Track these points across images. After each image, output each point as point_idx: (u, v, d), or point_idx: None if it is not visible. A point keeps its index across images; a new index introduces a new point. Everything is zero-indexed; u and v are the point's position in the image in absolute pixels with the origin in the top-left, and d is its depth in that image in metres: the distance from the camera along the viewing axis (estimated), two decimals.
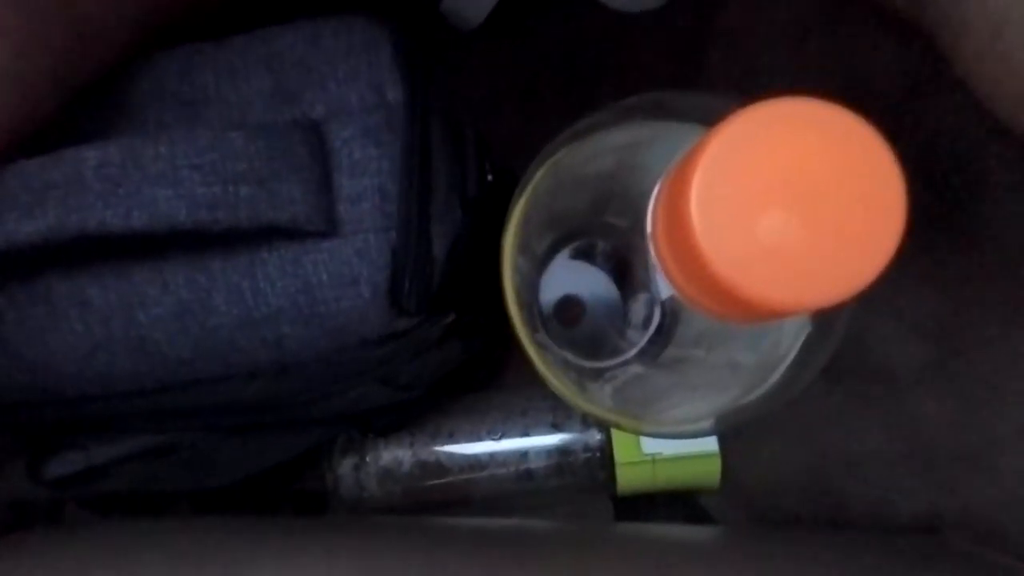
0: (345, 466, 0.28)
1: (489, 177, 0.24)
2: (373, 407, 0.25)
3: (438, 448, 0.27)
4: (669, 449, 0.26)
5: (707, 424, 0.18)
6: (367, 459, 0.28)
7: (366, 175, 0.19)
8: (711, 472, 0.26)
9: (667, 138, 0.16)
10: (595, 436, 0.27)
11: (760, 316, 0.10)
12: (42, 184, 0.17)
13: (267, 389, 0.22)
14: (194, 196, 0.17)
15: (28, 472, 0.22)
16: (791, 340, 0.17)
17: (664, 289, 0.12)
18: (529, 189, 0.18)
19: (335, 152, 0.19)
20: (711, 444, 0.26)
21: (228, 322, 0.20)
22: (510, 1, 0.29)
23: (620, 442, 0.26)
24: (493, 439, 0.27)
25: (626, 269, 0.22)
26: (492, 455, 0.27)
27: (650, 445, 0.26)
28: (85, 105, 0.19)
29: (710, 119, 0.15)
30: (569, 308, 0.22)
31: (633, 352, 0.22)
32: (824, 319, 0.16)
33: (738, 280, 0.09)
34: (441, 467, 0.27)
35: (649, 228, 0.11)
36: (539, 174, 0.17)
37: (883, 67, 0.28)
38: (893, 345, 0.28)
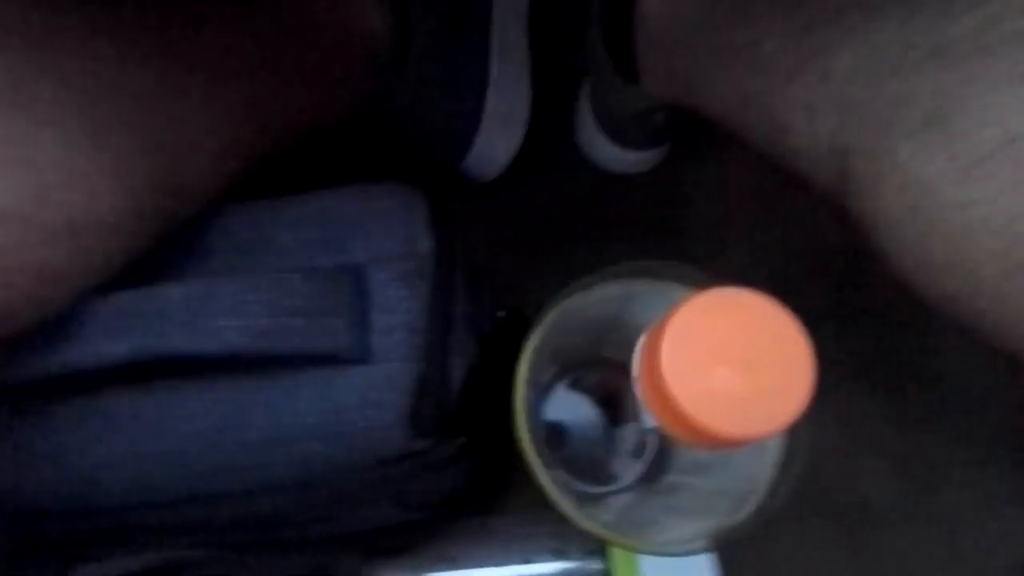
0: None
1: (500, 315, 0.28)
2: (382, 527, 0.27)
3: (440, 574, 0.29)
4: None
5: (699, 544, 0.21)
6: None
7: (398, 312, 0.24)
8: None
9: (652, 293, 0.22)
10: (596, 564, 0.29)
11: (716, 444, 0.14)
12: (133, 312, 0.21)
13: (286, 504, 0.24)
14: (257, 327, 0.21)
15: None
16: (766, 470, 0.20)
17: (649, 420, 0.16)
18: (541, 328, 0.22)
19: (372, 292, 0.24)
20: (707, 572, 0.28)
21: (262, 437, 0.23)
22: (517, 162, 0.37)
23: (621, 570, 0.28)
24: (495, 565, 0.29)
25: (617, 401, 0.26)
26: None
27: (650, 574, 0.28)
28: (167, 246, 0.24)
29: (684, 281, 0.20)
30: (560, 435, 0.26)
31: (633, 478, 0.25)
32: (788, 454, 0.19)
33: (697, 415, 0.13)
34: None
35: (635, 372, 0.16)
36: (550, 316, 0.22)
37: (833, 240, 0.34)
38: (872, 482, 0.31)
